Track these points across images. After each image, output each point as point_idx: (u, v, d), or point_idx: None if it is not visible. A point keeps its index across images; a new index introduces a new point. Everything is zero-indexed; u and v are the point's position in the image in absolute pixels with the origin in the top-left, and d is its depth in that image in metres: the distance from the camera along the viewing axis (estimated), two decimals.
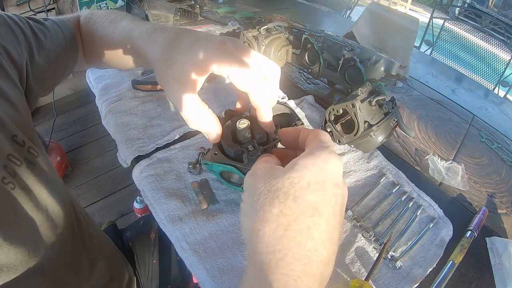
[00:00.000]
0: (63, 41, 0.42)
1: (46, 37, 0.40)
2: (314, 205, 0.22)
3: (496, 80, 1.58)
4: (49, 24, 0.42)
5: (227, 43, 0.32)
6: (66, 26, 0.44)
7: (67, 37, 0.43)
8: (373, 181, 0.53)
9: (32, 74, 0.38)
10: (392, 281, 0.40)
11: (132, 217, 1.38)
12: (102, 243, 0.52)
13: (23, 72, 0.36)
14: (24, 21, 0.38)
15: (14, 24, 0.36)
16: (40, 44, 0.39)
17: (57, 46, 0.41)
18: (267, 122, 0.34)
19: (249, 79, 0.30)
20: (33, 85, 0.39)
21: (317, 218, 0.22)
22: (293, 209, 0.22)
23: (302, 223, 0.22)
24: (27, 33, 0.38)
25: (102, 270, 0.48)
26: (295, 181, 0.23)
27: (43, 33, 0.40)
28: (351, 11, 2.08)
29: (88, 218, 0.49)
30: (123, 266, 0.57)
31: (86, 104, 1.92)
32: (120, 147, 0.53)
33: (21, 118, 0.34)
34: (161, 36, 0.35)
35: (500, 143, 0.74)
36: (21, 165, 0.31)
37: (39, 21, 0.41)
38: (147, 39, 0.36)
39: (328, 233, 0.22)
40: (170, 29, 0.35)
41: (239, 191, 0.45)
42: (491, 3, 4.82)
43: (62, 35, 0.42)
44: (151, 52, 0.35)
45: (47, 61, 0.40)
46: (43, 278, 0.34)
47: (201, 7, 1.04)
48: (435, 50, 1.75)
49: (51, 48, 0.40)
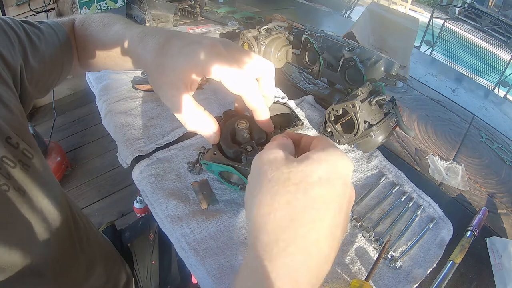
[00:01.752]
0: (57, 44, 0.42)
1: (40, 40, 0.40)
2: (322, 199, 0.22)
3: (496, 80, 1.58)
4: (43, 27, 0.42)
5: (218, 46, 0.31)
6: (61, 29, 0.43)
7: (61, 40, 0.43)
8: (373, 181, 0.53)
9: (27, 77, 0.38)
10: (392, 281, 0.40)
11: (132, 217, 1.38)
12: (100, 244, 0.52)
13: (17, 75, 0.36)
14: (18, 25, 0.38)
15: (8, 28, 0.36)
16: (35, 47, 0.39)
17: (52, 49, 0.41)
18: (265, 121, 0.34)
19: (241, 82, 0.30)
20: (28, 88, 0.39)
21: (323, 212, 0.22)
22: (302, 201, 0.22)
23: (308, 215, 0.22)
24: (22, 37, 0.38)
25: (100, 272, 0.48)
26: (307, 174, 0.23)
27: (38, 37, 0.40)
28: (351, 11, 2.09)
29: (86, 220, 0.49)
30: (121, 267, 0.57)
31: (86, 104, 1.92)
32: (120, 147, 0.53)
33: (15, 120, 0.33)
34: (151, 41, 0.34)
35: (500, 143, 0.74)
36: (15, 167, 0.31)
37: (33, 24, 0.41)
38: (137, 44, 0.36)
39: (332, 229, 0.22)
40: (160, 33, 0.35)
41: (237, 190, 0.45)
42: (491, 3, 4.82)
43: (57, 38, 0.42)
44: (142, 58, 0.35)
45: (41, 64, 0.40)
46: (40, 280, 0.34)
47: (201, 7, 1.04)
48: (435, 50, 1.75)
49: (45, 51, 0.40)
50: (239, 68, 0.30)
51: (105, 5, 0.92)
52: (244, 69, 0.31)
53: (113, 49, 0.41)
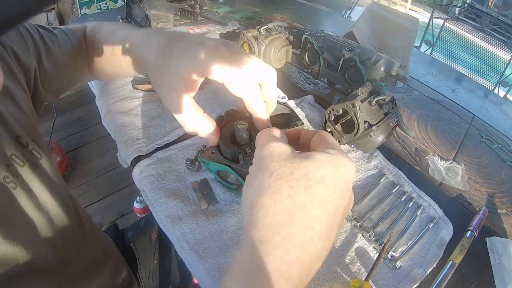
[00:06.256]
0: (70, 49, 0.44)
1: (54, 44, 0.41)
2: (322, 199, 0.23)
3: (496, 80, 1.58)
4: (57, 32, 0.43)
5: (221, 47, 0.31)
6: (74, 35, 0.45)
7: (74, 45, 0.44)
8: (373, 181, 0.53)
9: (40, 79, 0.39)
10: (392, 281, 0.40)
11: (132, 217, 1.38)
12: (103, 245, 0.52)
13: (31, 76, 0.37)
14: (34, 28, 0.40)
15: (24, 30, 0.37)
16: (49, 50, 0.40)
17: (65, 53, 0.43)
18: (263, 124, 0.34)
19: (242, 84, 0.30)
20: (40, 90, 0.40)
21: (321, 211, 0.22)
22: (302, 197, 0.22)
23: (306, 212, 0.22)
24: (36, 39, 0.39)
25: (103, 271, 0.49)
26: (310, 171, 0.23)
27: (52, 41, 0.41)
28: (351, 11, 2.09)
29: (90, 221, 0.49)
30: (123, 267, 0.57)
31: (86, 104, 1.92)
32: (120, 147, 0.53)
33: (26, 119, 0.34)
34: (154, 42, 0.35)
35: (500, 143, 0.74)
36: (24, 165, 0.31)
37: (48, 29, 0.43)
38: (141, 46, 0.36)
39: (327, 229, 0.23)
40: (163, 34, 0.35)
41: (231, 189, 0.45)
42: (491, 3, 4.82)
43: (70, 43, 0.44)
44: (145, 59, 0.35)
45: (55, 67, 0.41)
46: (43, 278, 0.34)
47: (201, 7, 1.04)
48: (435, 50, 1.75)
49: (59, 55, 0.42)
50: (242, 71, 0.30)
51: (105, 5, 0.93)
52: (246, 72, 0.31)
53: (118, 52, 0.42)
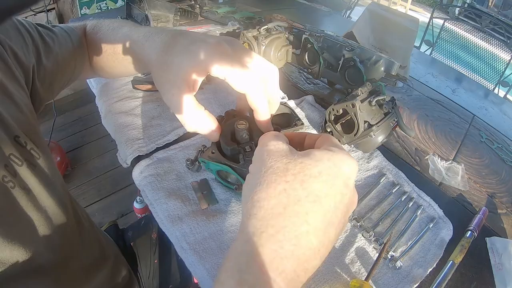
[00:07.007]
0: (70, 46, 0.43)
1: (54, 41, 0.41)
2: (318, 193, 0.23)
3: (496, 80, 1.58)
4: (57, 30, 0.43)
5: (223, 45, 0.32)
6: (74, 32, 0.45)
7: (74, 42, 0.44)
8: (373, 181, 0.53)
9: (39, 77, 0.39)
10: (392, 281, 0.40)
11: (132, 217, 1.38)
12: (102, 244, 0.52)
13: (30, 75, 0.37)
14: (32, 26, 0.39)
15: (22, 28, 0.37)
16: (48, 48, 0.40)
17: (65, 50, 0.42)
18: (264, 122, 0.34)
19: (246, 80, 0.30)
20: (39, 88, 0.39)
21: (317, 206, 0.22)
22: (297, 191, 0.22)
23: (302, 206, 0.22)
24: (35, 37, 0.39)
25: (103, 271, 0.48)
26: (307, 167, 0.23)
27: (51, 38, 0.41)
28: (351, 11, 2.08)
29: (90, 221, 0.49)
30: (124, 266, 0.57)
31: (86, 104, 1.92)
32: (120, 147, 0.53)
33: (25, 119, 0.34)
34: (157, 39, 0.35)
35: (500, 143, 0.74)
36: (22, 165, 0.31)
37: (47, 27, 0.42)
38: (144, 43, 0.36)
39: (324, 225, 0.22)
40: (166, 31, 0.35)
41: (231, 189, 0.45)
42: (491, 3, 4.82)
43: (70, 41, 0.44)
44: (147, 56, 0.35)
45: (55, 64, 0.41)
46: (42, 278, 0.34)
47: (201, 7, 1.04)
48: (435, 50, 1.75)
49: (59, 52, 0.41)
50: (244, 67, 0.30)
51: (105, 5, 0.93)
52: (249, 68, 0.31)
53: (121, 50, 0.41)
